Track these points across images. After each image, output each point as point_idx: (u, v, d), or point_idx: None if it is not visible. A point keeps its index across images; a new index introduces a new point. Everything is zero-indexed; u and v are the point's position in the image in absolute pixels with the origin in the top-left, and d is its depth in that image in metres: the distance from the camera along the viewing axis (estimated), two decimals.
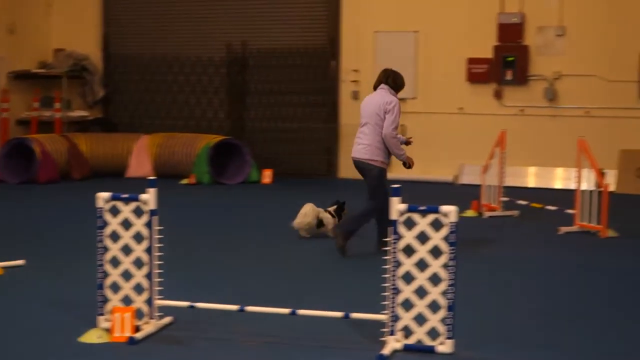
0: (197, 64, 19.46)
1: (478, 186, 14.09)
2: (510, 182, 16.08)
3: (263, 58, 19.00)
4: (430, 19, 17.75)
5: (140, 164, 18.28)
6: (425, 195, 15.77)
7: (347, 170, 18.45)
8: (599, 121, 16.93)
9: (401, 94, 10.56)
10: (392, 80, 10.59)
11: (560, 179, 17.07)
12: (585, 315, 7.88)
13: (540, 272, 9.81)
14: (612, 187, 16.03)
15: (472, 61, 17.46)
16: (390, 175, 17.78)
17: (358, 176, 17.99)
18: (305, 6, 18.71)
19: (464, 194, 15.20)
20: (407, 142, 10.91)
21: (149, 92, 19.91)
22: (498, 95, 17.44)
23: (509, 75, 17.25)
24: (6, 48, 19.29)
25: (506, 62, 17.23)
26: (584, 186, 12.06)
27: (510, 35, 17.22)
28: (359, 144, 10.41)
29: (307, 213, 11.63)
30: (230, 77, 19.23)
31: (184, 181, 17.51)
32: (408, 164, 10.63)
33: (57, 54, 19.95)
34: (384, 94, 10.44)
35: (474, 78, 17.47)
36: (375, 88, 10.65)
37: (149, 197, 6.95)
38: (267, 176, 17.79)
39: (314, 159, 18.81)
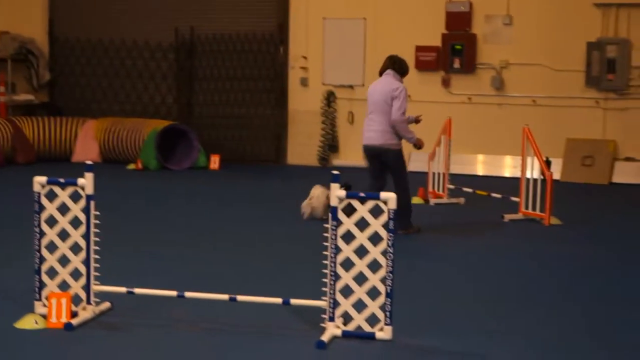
0: (145, 48, 19.28)
1: (425, 174, 14.11)
2: (458, 169, 16.18)
3: (211, 43, 18.86)
4: (378, 6, 17.73)
5: (86, 149, 18.09)
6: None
7: (294, 157, 18.44)
8: (545, 110, 17.03)
9: (349, 81, 10.60)
10: (398, 66, 10.78)
11: (508, 167, 17.15)
12: (527, 302, 7.93)
13: (483, 259, 9.85)
14: (557, 176, 16.18)
15: (420, 49, 17.45)
16: (337, 162, 17.91)
17: (306, 162, 18.05)
18: None
19: (412, 181, 15.15)
20: (417, 120, 11.32)
21: (95, 77, 19.68)
22: (446, 83, 17.47)
23: (456, 64, 17.28)
24: None
25: (454, 50, 17.26)
26: (529, 174, 12.12)
27: (458, 23, 17.24)
28: (370, 131, 10.67)
29: (320, 195, 11.71)
30: (179, 62, 19.07)
31: (131, 166, 17.35)
32: (419, 145, 10.85)
33: (2, 37, 19.60)
34: (390, 80, 10.63)
35: (422, 66, 17.47)
36: (380, 74, 10.82)
37: (86, 181, 6.85)
38: (214, 162, 17.68)
39: (262, 144, 18.73)
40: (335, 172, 6.57)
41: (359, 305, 6.61)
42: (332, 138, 18.13)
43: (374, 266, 6.54)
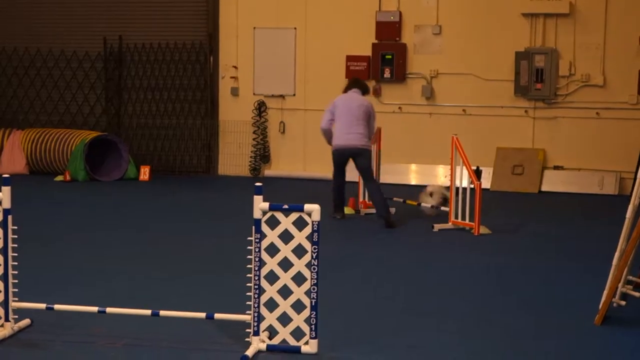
0: (73, 58, 19.01)
1: (357, 183, 14.07)
2: (390, 179, 16.21)
3: (140, 53, 18.67)
4: (309, 15, 17.70)
5: (13, 160, 17.79)
6: (305, 193, 15.75)
7: (225, 167, 18.31)
8: (475, 119, 17.13)
9: (280, 91, 11.78)
10: (362, 86, 13.00)
11: (440, 176, 17.19)
12: (454, 314, 7.89)
13: (411, 270, 9.82)
14: (487, 185, 16.31)
15: (350, 58, 17.45)
16: (268, 172, 17.83)
17: (237, 173, 17.93)
18: (184, 1, 18.44)
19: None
20: None
21: (22, 87, 19.36)
22: (377, 92, 17.48)
23: (387, 73, 17.31)
24: None
25: (384, 60, 17.29)
26: (458, 184, 12.15)
27: (388, 33, 17.28)
28: (351, 134, 12.49)
29: (438, 190, 13.27)
30: (107, 72, 18.84)
31: (59, 178, 17.09)
32: None
33: None
34: (361, 97, 12.79)
35: (352, 75, 17.41)
36: (345, 91, 12.90)
37: (3, 195, 6.67)
38: (144, 173, 17.49)
39: (193, 155, 18.58)
40: (258, 184, 6.48)
41: (284, 319, 6.53)
42: (264, 148, 18.04)
43: (299, 279, 6.46)
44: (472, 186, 11.94)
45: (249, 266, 6.52)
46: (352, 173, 16.40)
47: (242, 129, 18.11)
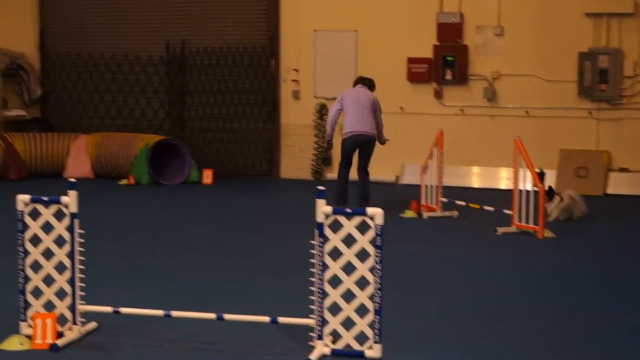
0: (136, 63, 19.21)
1: (419, 186, 14.02)
2: (452, 182, 16.05)
3: (202, 57, 18.80)
4: (369, 18, 17.66)
5: (78, 164, 18.01)
6: None
7: (287, 170, 18.35)
8: (538, 121, 16.97)
9: (340, 93, 13.89)
10: (369, 82, 13.96)
11: (503, 179, 17.07)
12: (519, 317, 7.83)
13: (475, 273, 9.77)
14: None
15: (412, 61, 17.40)
16: (330, 175, 17.82)
17: (299, 176, 17.96)
18: (245, 5, 18.53)
19: (405, 194, 15.17)
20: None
21: (87, 92, 19.61)
22: (438, 94, 17.41)
23: (448, 75, 17.22)
24: None
25: (446, 62, 17.20)
26: (522, 186, 12.05)
27: (450, 34, 17.19)
28: (363, 122, 13.44)
29: (571, 195, 13.40)
30: (170, 76, 19.01)
31: (123, 182, 17.26)
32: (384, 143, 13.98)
33: None
34: (368, 91, 13.78)
35: (414, 77, 17.42)
36: (354, 85, 13.98)
37: (70, 199, 6.77)
38: (207, 176, 17.60)
39: (255, 158, 18.65)
40: (321, 187, 6.49)
41: (348, 323, 6.52)
42: (325, 151, 18.04)
43: (362, 283, 6.45)
44: (535, 189, 11.83)
45: (312, 270, 6.53)
46: (411, 176, 16.46)
47: (303, 132, 18.15)
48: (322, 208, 6.42)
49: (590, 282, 9.35)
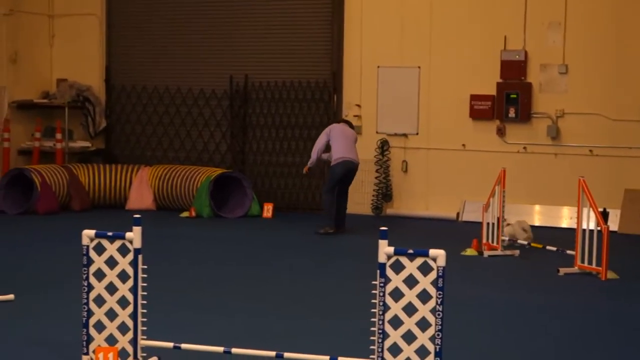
0: (200, 96, 19.41)
1: (480, 224, 13.94)
2: (514, 220, 15.87)
3: (265, 91, 18.94)
4: (433, 55, 17.66)
5: (140, 196, 18.19)
6: (427, 233, 15.69)
7: (348, 205, 18.27)
8: (603, 160, 16.79)
9: (403, 130, 15.97)
10: (348, 122, 15.93)
11: (565, 218, 16.89)
12: None
13: (536, 314, 9.65)
14: (615, 227, 15.91)
15: (475, 98, 17.35)
16: (390, 211, 17.79)
17: (359, 211, 17.93)
18: (308, 40, 18.65)
19: (466, 232, 15.10)
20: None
21: (150, 124, 19.85)
22: (501, 132, 17.32)
23: (511, 113, 17.13)
24: (8, 77, 19.25)
25: (509, 99, 17.13)
26: (585, 226, 11.90)
27: (513, 72, 17.12)
28: (352, 152, 15.31)
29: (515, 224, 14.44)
30: (233, 110, 19.17)
31: (184, 214, 17.40)
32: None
33: (60, 84, 19.92)
34: (349, 127, 15.71)
35: (476, 114, 17.36)
36: (339, 122, 15.88)
37: (134, 235, 6.83)
38: (267, 210, 17.67)
39: (315, 193, 18.68)
40: (383, 228, 6.47)
41: None
42: (386, 187, 18.03)
43: (423, 324, 6.40)
44: (599, 229, 11.68)
45: (372, 310, 6.50)
46: (472, 213, 16.36)
47: (364, 167, 18.07)
48: (384, 249, 6.40)
49: None
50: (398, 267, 6.44)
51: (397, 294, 6.44)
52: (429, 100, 17.68)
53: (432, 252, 6.33)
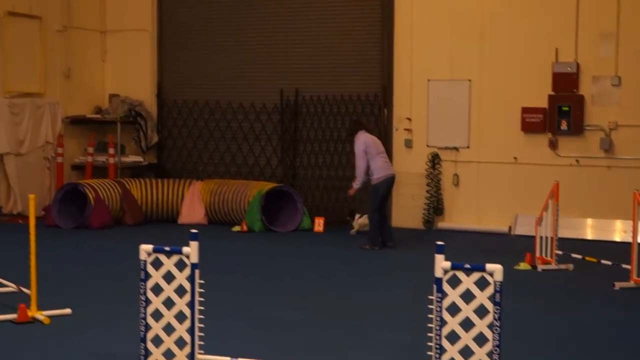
0: (250, 110, 19.51)
1: (533, 237, 13.84)
2: (566, 234, 15.70)
3: (316, 105, 18.99)
4: (484, 67, 17.60)
5: (192, 210, 18.31)
6: (479, 247, 15.61)
7: (399, 219, 18.29)
8: None
9: (454, 143, 15.79)
10: (365, 126, 15.70)
11: (619, 231, 16.72)
12: None
13: (592, 330, 9.56)
14: None
15: (526, 110, 17.26)
16: (442, 224, 17.73)
17: (411, 225, 17.89)
18: (359, 54, 18.68)
19: (518, 246, 15.00)
20: None
21: (202, 138, 19.99)
22: (553, 145, 17.20)
23: (564, 125, 17.01)
24: (62, 93, 19.51)
25: (561, 112, 17.01)
26: None
27: (565, 84, 17.00)
28: (389, 165, 15.43)
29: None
30: (283, 124, 19.24)
31: (236, 228, 17.47)
32: None
33: (112, 99, 20.14)
34: (374, 135, 15.49)
35: (528, 127, 17.26)
36: (357, 131, 15.24)
37: (191, 250, 6.89)
38: (318, 224, 17.69)
39: (366, 207, 18.64)
40: (440, 242, 6.45)
41: None
42: (437, 200, 17.98)
43: (480, 340, 6.38)
44: None
45: (429, 325, 6.49)
46: (526, 227, 16.24)
47: (415, 181, 18.11)
48: (441, 263, 6.39)
49: None
50: (454, 282, 6.43)
51: (454, 309, 6.43)
52: (479, 113, 17.62)
53: (489, 266, 6.31)
